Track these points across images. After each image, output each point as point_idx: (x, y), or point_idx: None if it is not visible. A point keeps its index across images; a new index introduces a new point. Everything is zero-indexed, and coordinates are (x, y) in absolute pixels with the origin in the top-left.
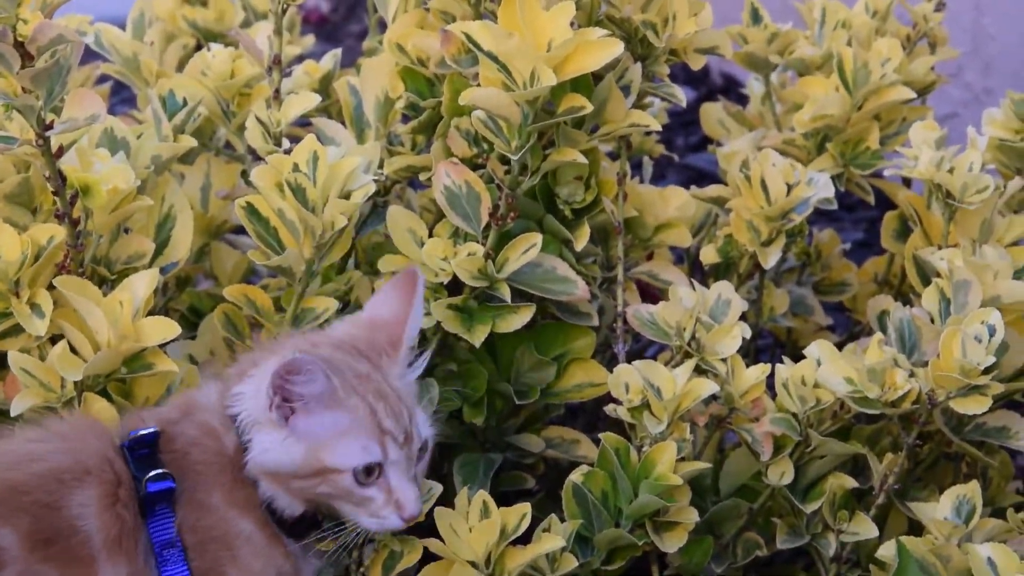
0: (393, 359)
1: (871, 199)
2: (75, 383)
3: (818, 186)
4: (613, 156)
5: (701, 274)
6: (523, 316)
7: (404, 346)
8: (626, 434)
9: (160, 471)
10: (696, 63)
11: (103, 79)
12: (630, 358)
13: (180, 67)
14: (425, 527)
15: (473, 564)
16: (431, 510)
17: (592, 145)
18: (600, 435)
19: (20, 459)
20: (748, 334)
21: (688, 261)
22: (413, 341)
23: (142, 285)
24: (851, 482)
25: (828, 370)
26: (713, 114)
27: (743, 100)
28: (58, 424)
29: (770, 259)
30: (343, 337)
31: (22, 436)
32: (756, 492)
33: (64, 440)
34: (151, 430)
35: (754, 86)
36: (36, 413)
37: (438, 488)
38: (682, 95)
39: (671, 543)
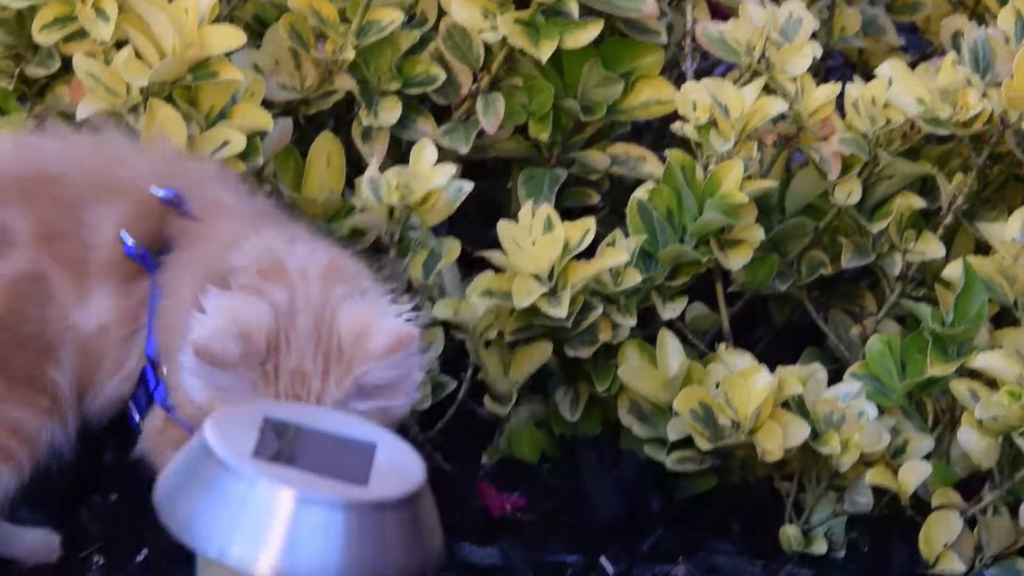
0: (339, 381)
1: None
2: (140, 89)
3: None
4: None
5: None
6: (590, 32)
7: (349, 381)
8: (692, 152)
9: (134, 243)
10: None
11: None
12: (698, 76)
13: None
14: (488, 240)
15: (536, 277)
16: (495, 224)
17: None
18: (666, 152)
19: (84, 153)
20: (819, 53)
21: None
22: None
23: None
24: (919, 202)
25: (899, 90)
26: None
27: None
28: (174, 151)
29: None
30: (335, 323)
31: (118, 138)
32: (822, 211)
33: (151, 157)
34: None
35: None
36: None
37: None
38: None
39: (736, 260)
